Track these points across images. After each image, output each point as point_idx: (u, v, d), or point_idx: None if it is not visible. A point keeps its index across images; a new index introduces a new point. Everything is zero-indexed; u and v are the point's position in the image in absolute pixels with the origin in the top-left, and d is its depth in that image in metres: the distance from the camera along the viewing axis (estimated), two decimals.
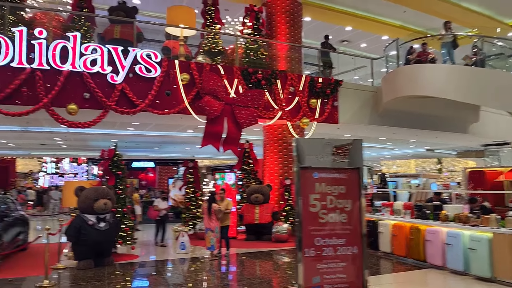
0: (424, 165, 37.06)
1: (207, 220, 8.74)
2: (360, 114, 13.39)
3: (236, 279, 7.50)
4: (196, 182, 12.17)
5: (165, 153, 23.82)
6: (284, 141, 12.47)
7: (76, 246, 7.59)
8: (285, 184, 11.76)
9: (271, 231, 11.14)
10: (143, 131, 15.22)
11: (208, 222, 8.72)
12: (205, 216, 8.79)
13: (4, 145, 19.29)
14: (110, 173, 8.58)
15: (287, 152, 12.42)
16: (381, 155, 32.53)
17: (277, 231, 10.83)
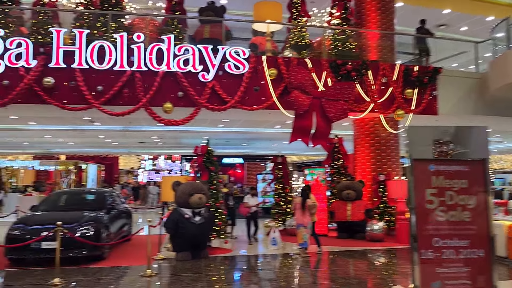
0: None
1: (300, 215, 8.62)
2: (462, 103, 12.24)
3: (329, 277, 7.26)
4: (285, 177, 12.11)
5: (252, 149, 24.27)
6: (376, 135, 11.87)
7: (174, 238, 7.96)
8: (379, 180, 11.18)
9: (365, 229, 10.66)
10: (232, 127, 15.58)
11: (301, 217, 8.59)
12: (298, 211, 8.66)
13: (109, 144, 21.18)
14: (204, 169, 8.88)
15: (380, 146, 11.80)
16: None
17: (371, 230, 10.34)
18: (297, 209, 8.68)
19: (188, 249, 7.95)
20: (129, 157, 43.00)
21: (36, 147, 21.87)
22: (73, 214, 8.10)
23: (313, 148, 25.64)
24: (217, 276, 7.09)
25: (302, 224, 8.60)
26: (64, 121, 13.39)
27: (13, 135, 16.71)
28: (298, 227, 8.61)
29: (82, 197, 9.36)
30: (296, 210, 8.68)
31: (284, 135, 17.35)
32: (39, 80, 9.15)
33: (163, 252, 8.48)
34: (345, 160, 12.50)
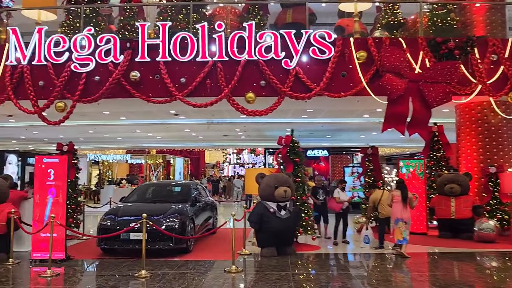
0: None
1: (399, 209, 7.79)
2: None
3: (434, 283, 6.35)
4: (377, 170, 11.19)
5: (337, 141, 23.29)
6: (484, 122, 10.43)
7: (259, 233, 7.64)
8: (489, 173, 9.79)
9: (472, 229, 9.43)
10: (316, 118, 14.93)
11: (401, 211, 7.76)
12: (397, 205, 7.84)
13: (195, 138, 21.76)
14: (288, 160, 8.42)
15: (489, 134, 10.35)
16: None
17: (481, 229, 9.07)
18: (396, 203, 7.85)
19: (274, 244, 7.58)
20: (215, 152, 44.46)
21: (129, 142, 23.26)
22: (160, 206, 8.17)
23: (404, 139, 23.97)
24: (305, 275, 6.60)
25: (402, 219, 7.76)
26: (151, 116, 13.85)
27: (108, 131, 17.83)
28: (397, 222, 7.77)
29: (169, 189, 9.48)
30: (394, 203, 7.85)
31: (373, 125, 16.26)
32: (126, 74, 9.41)
33: (248, 247, 8.22)
34: (446, 150, 11.22)
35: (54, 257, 6.82)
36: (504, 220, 9.57)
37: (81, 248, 8.69)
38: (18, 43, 9.55)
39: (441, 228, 9.95)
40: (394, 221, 7.81)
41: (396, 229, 7.75)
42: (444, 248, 8.70)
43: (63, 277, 6.46)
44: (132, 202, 8.62)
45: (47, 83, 9.51)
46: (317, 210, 9.58)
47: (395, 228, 7.75)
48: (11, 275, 6.61)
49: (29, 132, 17.48)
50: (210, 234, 9.61)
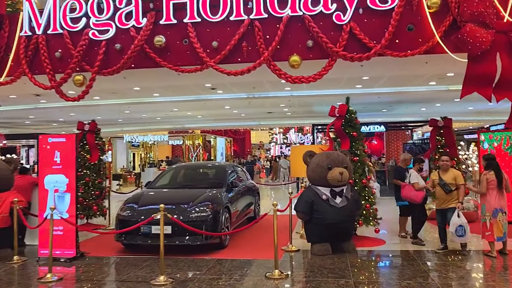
0: None
1: (495, 197, 6.08)
2: None
3: None
4: (451, 146, 9.31)
5: (393, 116, 21.11)
6: None
7: (308, 225, 6.20)
8: None
9: None
10: (373, 88, 13.06)
11: (498, 199, 6.04)
12: (492, 191, 6.14)
13: (237, 116, 20.49)
14: (344, 135, 6.84)
15: None
16: None
17: None
18: (492, 189, 6.12)
19: (327, 239, 6.14)
20: (261, 131, 43.26)
21: (169, 122, 22.41)
22: (189, 192, 6.96)
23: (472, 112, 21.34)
24: (371, 283, 5.10)
25: (501, 209, 6.05)
26: (186, 91, 12.66)
27: (145, 110, 16.92)
28: (495, 214, 6.04)
29: (202, 172, 8.22)
30: (489, 190, 6.10)
31: (440, 94, 14.14)
32: (150, 40, 8.19)
33: (295, 241, 6.85)
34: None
35: (64, 254, 5.78)
36: None
37: (103, 241, 7.63)
38: (32, 10, 8.58)
39: None
40: (493, 213, 6.06)
41: (495, 222, 6.02)
42: None
43: (64, 283, 5.35)
44: (157, 187, 7.44)
45: (64, 54, 8.51)
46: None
47: (495, 221, 6.01)
48: (7, 278, 5.57)
49: (65, 114, 16.95)
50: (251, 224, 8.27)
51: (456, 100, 16.25)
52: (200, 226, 6.09)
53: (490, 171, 6.18)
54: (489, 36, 7.42)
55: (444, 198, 6.23)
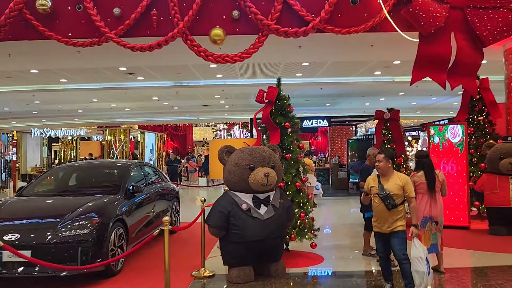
0: None
1: (425, 202, 4.94)
2: None
3: None
4: (398, 141, 8.27)
5: (338, 111, 20.30)
6: None
7: (224, 243, 4.73)
8: None
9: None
10: (314, 78, 11.92)
11: (429, 205, 4.89)
12: (422, 196, 5.00)
13: (171, 109, 18.69)
14: (273, 125, 5.44)
15: None
16: None
17: None
18: (421, 193, 4.97)
19: (249, 262, 4.70)
20: (205, 128, 41.42)
21: (96, 116, 20.13)
22: (70, 201, 5.25)
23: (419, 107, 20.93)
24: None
25: (431, 217, 4.89)
26: (98, 76, 10.80)
27: (56, 99, 14.67)
28: (424, 224, 4.85)
29: (95, 174, 6.46)
30: (418, 194, 4.91)
31: (385, 87, 13.31)
32: (32, 3, 6.36)
33: (211, 262, 5.37)
34: (492, 112, 8.31)
35: None
36: None
37: None
38: None
39: (492, 220, 7.14)
40: (421, 222, 4.84)
41: (422, 233, 4.80)
42: (500, 256, 5.87)
43: None
44: (32, 195, 5.64)
45: None
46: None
47: (422, 232, 4.78)
48: None
49: None
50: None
51: (400, 93, 15.61)
52: (75, 248, 4.43)
53: (419, 172, 5.00)
54: (443, 11, 6.38)
55: (386, 216, 4.21)
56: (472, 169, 8.22)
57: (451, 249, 5.97)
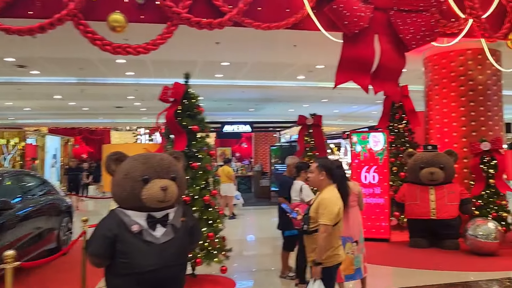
0: None
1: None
2: None
3: None
4: (320, 148, 7.86)
5: (262, 117, 19.92)
6: (469, 78, 7.52)
7: (109, 276, 3.76)
8: (480, 151, 6.87)
9: (458, 233, 6.54)
10: (236, 80, 11.27)
11: (346, 225, 4.18)
12: None
13: (79, 111, 16.98)
14: (178, 128, 4.61)
15: (478, 95, 7.45)
16: None
17: (476, 236, 6.12)
18: None
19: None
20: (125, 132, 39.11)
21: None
22: None
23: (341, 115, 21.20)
24: None
25: (350, 238, 4.32)
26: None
27: None
28: (343, 245, 4.25)
29: None
30: None
31: (309, 91, 13.04)
32: None
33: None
34: (411, 120, 8.23)
35: None
36: (502, 219, 6.74)
37: None
38: None
39: (413, 232, 6.93)
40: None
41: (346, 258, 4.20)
42: (422, 273, 5.59)
43: None
44: None
45: None
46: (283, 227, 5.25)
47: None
48: None
49: None
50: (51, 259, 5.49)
51: (324, 100, 15.55)
52: None
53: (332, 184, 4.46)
54: (367, 11, 6.06)
55: (307, 243, 3.55)
56: (392, 178, 8.05)
57: (373, 267, 5.55)
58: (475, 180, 6.94)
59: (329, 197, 3.37)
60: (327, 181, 3.46)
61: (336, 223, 3.31)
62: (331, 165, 3.54)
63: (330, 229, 3.28)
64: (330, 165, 3.54)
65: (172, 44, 5.99)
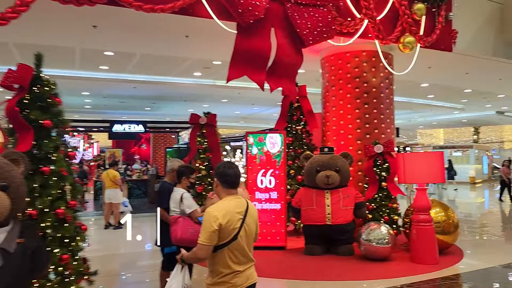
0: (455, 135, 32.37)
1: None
2: (482, 37, 8.48)
3: None
4: (215, 150, 7.25)
5: (159, 117, 18.83)
6: (363, 80, 7.49)
7: None
8: (373, 154, 6.82)
9: (353, 238, 6.40)
10: (124, 73, 10.20)
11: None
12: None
13: None
14: (23, 123, 3.62)
15: (372, 97, 7.46)
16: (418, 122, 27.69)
17: (370, 240, 5.99)
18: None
19: None
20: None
21: None
22: None
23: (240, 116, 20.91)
24: None
25: None
26: None
27: None
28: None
29: None
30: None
31: (207, 90, 12.42)
32: None
33: None
34: (309, 122, 8.03)
35: None
36: (393, 222, 6.76)
37: None
38: None
39: (308, 239, 6.65)
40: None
41: None
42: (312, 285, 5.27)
43: None
44: None
45: None
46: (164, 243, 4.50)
47: None
48: None
49: None
50: None
51: (224, 100, 15.06)
52: None
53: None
54: (263, 1, 5.57)
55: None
56: (289, 182, 7.76)
57: (265, 281, 5.09)
58: (368, 183, 6.89)
59: (211, 210, 2.69)
60: (221, 188, 2.78)
61: (226, 243, 2.60)
62: (221, 168, 2.85)
63: (207, 250, 2.63)
64: (220, 168, 2.86)
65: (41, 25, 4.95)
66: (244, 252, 2.61)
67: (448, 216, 6.39)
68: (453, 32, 7.76)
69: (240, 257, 2.60)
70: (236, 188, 2.76)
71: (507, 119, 23.37)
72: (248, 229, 2.63)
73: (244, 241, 2.60)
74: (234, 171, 2.77)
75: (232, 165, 2.83)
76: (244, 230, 2.60)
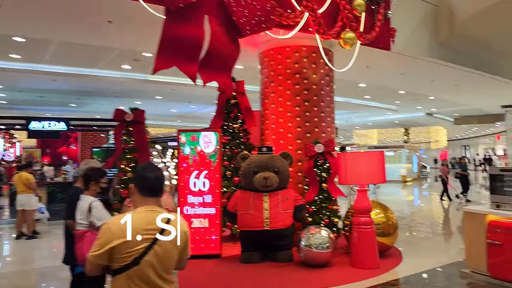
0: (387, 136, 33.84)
1: None
2: (418, 38, 8.57)
3: None
4: (142, 150, 6.57)
5: (87, 114, 17.52)
6: (304, 76, 7.16)
7: None
8: (314, 154, 6.50)
9: (291, 243, 6.05)
10: (39, 64, 9.13)
11: None
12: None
13: None
14: None
15: (312, 95, 7.15)
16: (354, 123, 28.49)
17: (309, 246, 5.65)
18: None
19: None
20: None
21: None
22: None
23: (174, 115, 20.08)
24: None
25: None
26: None
27: None
28: None
29: None
30: None
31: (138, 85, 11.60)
32: None
33: None
34: (247, 119, 7.57)
35: None
36: (333, 225, 6.47)
37: None
38: None
39: (245, 245, 6.19)
40: None
41: None
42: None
43: None
44: None
45: None
46: None
47: None
48: None
49: None
50: None
51: (157, 97, 14.26)
52: None
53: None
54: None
55: None
56: (225, 184, 7.26)
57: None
58: (309, 185, 6.56)
59: (109, 222, 2.10)
60: (138, 196, 2.18)
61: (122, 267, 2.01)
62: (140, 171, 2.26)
63: (95, 266, 2.04)
64: (139, 171, 2.27)
65: None
66: (150, 281, 2.00)
67: (387, 218, 6.24)
68: (391, 30, 7.71)
69: (145, 287, 2.01)
70: (157, 196, 2.19)
71: (435, 120, 24.61)
72: (162, 252, 2.03)
73: (152, 268, 1.99)
74: (155, 174, 2.20)
75: (153, 167, 2.25)
76: (154, 254, 2.01)
